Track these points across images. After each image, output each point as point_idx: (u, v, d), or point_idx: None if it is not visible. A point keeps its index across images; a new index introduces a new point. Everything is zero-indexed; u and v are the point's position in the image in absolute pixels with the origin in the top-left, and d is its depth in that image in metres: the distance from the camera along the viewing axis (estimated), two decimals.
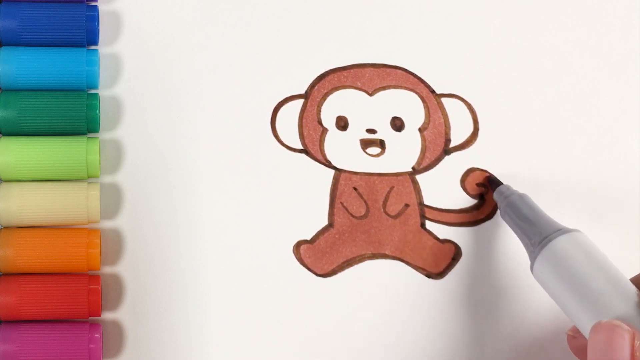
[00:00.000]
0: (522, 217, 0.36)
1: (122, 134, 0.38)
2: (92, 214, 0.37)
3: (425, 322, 0.38)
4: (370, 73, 0.40)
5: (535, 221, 0.35)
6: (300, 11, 0.41)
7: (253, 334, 0.37)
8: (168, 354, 0.37)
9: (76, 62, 0.37)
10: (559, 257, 0.33)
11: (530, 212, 0.36)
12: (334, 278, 0.38)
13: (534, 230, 0.35)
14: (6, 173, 0.36)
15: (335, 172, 0.39)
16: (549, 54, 0.41)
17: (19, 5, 0.37)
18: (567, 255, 0.33)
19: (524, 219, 0.36)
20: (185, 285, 0.37)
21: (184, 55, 0.39)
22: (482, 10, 0.41)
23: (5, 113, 0.36)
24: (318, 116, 0.40)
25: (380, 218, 0.39)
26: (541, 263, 0.34)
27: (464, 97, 0.40)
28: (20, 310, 0.35)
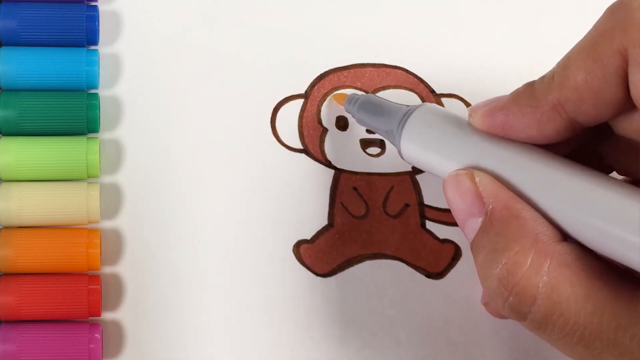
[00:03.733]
0: (376, 109, 0.36)
1: (122, 134, 0.39)
2: (92, 214, 0.37)
3: (425, 322, 0.38)
4: (370, 73, 0.40)
5: (388, 109, 0.35)
6: (300, 11, 0.41)
7: (253, 333, 0.37)
8: (168, 354, 0.37)
9: (76, 62, 0.37)
10: (419, 130, 0.33)
11: (381, 104, 0.36)
12: (334, 278, 0.38)
13: (391, 117, 0.35)
14: (6, 173, 0.36)
15: (335, 172, 0.39)
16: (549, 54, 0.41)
17: (19, 5, 0.37)
18: (425, 125, 0.33)
19: (378, 110, 0.36)
20: (185, 285, 0.37)
21: (184, 55, 0.40)
22: (482, 11, 0.41)
23: (5, 113, 0.37)
24: (318, 116, 0.40)
25: (380, 218, 0.39)
26: (406, 142, 0.34)
27: (464, 97, 0.40)
28: (20, 310, 0.35)
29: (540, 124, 0.30)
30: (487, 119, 0.31)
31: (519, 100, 0.30)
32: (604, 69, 0.28)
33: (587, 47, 0.29)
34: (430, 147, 0.33)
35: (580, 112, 0.29)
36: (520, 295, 0.28)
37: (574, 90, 0.29)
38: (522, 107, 0.30)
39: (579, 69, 0.28)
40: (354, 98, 0.37)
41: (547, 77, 0.30)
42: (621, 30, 0.28)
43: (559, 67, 0.29)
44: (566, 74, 0.29)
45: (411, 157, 0.34)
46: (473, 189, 0.30)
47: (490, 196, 0.30)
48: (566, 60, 0.29)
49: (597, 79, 0.28)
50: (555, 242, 0.29)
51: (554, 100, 0.29)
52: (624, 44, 0.27)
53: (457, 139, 0.32)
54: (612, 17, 0.28)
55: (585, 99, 0.29)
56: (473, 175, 0.31)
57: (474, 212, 0.30)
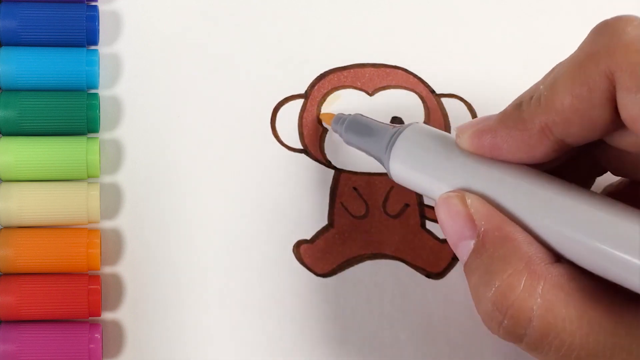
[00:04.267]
0: (363, 130, 0.36)
1: (122, 134, 0.39)
2: (92, 214, 0.37)
3: (425, 322, 0.38)
4: (370, 73, 0.40)
5: (376, 130, 0.35)
6: (300, 11, 0.41)
7: (253, 333, 0.37)
8: (168, 354, 0.37)
9: (76, 62, 0.37)
10: (407, 151, 0.33)
11: (369, 124, 0.36)
12: (334, 278, 0.38)
13: (379, 139, 0.35)
14: (6, 173, 0.36)
15: (335, 172, 0.39)
16: (549, 54, 0.41)
17: (19, 5, 0.37)
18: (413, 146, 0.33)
19: (366, 132, 0.35)
20: (185, 285, 0.37)
21: (183, 55, 0.40)
22: (482, 10, 0.41)
23: (5, 113, 0.37)
24: (318, 116, 0.40)
25: (380, 218, 0.39)
26: (395, 164, 0.33)
27: (464, 97, 0.40)
28: (20, 310, 0.35)
29: (528, 147, 0.30)
30: (475, 141, 0.31)
31: (507, 122, 0.30)
32: (591, 93, 0.28)
33: (573, 70, 0.28)
34: (419, 169, 0.33)
35: (568, 134, 0.29)
36: (515, 318, 0.28)
37: (561, 114, 0.28)
38: (510, 130, 0.30)
39: (566, 92, 0.28)
40: (341, 118, 0.37)
41: (534, 98, 0.30)
42: (607, 53, 0.27)
43: (545, 89, 0.29)
44: (553, 97, 0.29)
45: (400, 179, 0.34)
46: (464, 211, 0.30)
47: (482, 218, 0.30)
48: (553, 82, 0.29)
49: (584, 103, 0.28)
50: (548, 263, 0.29)
51: (542, 123, 0.29)
52: (611, 68, 0.27)
53: (446, 160, 0.32)
54: (597, 39, 0.28)
55: (573, 122, 0.28)
56: (464, 197, 0.30)
57: (466, 234, 0.30)
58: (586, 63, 0.28)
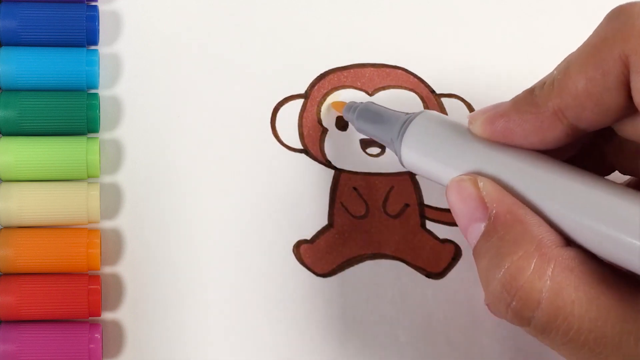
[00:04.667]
0: (375, 117, 0.36)
1: (122, 134, 0.39)
2: (92, 214, 0.37)
3: (425, 322, 0.38)
4: (370, 73, 0.40)
5: (388, 117, 0.35)
6: (300, 11, 0.41)
7: (253, 333, 0.37)
8: (168, 354, 0.37)
9: (76, 62, 0.37)
10: (419, 137, 0.33)
11: (381, 111, 0.36)
12: (334, 278, 0.38)
13: (391, 125, 0.35)
14: (6, 173, 0.36)
15: (335, 172, 0.39)
16: (549, 54, 0.41)
17: (19, 5, 0.37)
18: (425, 132, 0.33)
19: (377, 119, 0.36)
20: (185, 285, 0.37)
21: (184, 55, 0.40)
22: (482, 11, 0.41)
23: (5, 113, 0.37)
24: (318, 116, 0.40)
25: (380, 218, 0.39)
26: (406, 150, 0.34)
27: (464, 97, 0.40)
28: (20, 310, 0.35)
29: (541, 131, 0.30)
30: (488, 126, 0.31)
31: (520, 107, 0.30)
32: (604, 77, 0.28)
33: (587, 54, 0.28)
34: (431, 155, 0.33)
35: (581, 118, 0.29)
36: (524, 299, 0.28)
37: (574, 97, 0.29)
38: (523, 114, 0.30)
39: (580, 75, 0.28)
40: (352, 106, 0.37)
41: (547, 83, 0.30)
42: (622, 38, 0.28)
43: (559, 73, 0.29)
44: (566, 80, 0.29)
45: (412, 165, 0.34)
46: (476, 193, 0.30)
47: (493, 201, 0.30)
48: (566, 66, 0.29)
49: (598, 86, 0.28)
50: (559, 246, 0.29)
51: (555, 106, 0.29)
52: (625, 52, 0.27)
53: (458, 145, 0.32)
54: (612, 23, 0.28)
55: (586, 106, 0.29)
56: (476, 180, 0.30)
57: (477, 217, 0.30)
58: (600, 47, 0.28)
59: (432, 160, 0.33)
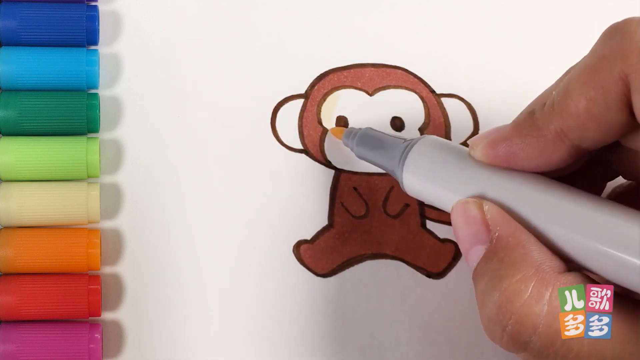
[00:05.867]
0: (375, 144, 0.36)
1: (122, 134, 0.39)
2: (92, 214, 0.37)
3: (425, 322, 0.38)
4: (370, 73, 0.40)
5: (387, 143, 0.35)
6: (300, 11, 0.41)
7: (253, 333, 0.37)
8: (168, 354, 0.37)
9: (76, 62, 0.37)
10: (420, 164, 0.33)
11: (380, 137, 0.36)
12: (334, 278, 0.38)
13: (391, 152, 0.34)
14: (6, 173, 0.36)
15: (335, 172, 0.39)
16: (549, 54, 0.41)
17: (19, 5, 0.37)
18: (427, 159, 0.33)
19: (377, 145, 0.35)
20: (185, 285, 0.37)
21: (184, 55, 0.40)
22: (482, 10, 0.41)
23: (5, 113, 0.37)
24: (318, 116, 0.40)
25: (381, 218, 0.39)
26: (408, 177, 0.33)
27: (464, 97, 0.40)
28: (20, 310, 0.35)
29: (544, 154, 0.30)
30: (490, 152, 0.31)
31: (521, 130, 0.30)
32: (605, 96, 0.27)
33: (586, 74, 0.28)
34: (433, 181, 0.33)
35: (584, 138, 0.29)
36: (520, 323, 0.28)
37: (576, 118, 0.28)
38: (525, 138, 0.30)
39: (580, 96, 0.28)
40: (352, 132, 0.37)
41: (547, 105, 0.29)
42: (620, 57, 0.27)
43: (558, 95, 0.29)
44: (567, 101, 0.28)
45: (414, 191, 0.34)
46: (480, 216, 0.30)
47: (497, 224, 0.30)
48: (565, 86, 0.29)
49: (599, 106, 0.28)
50: (558, 272, 0.29)
51: (557, 129, 0.29)
52: (625, 70, 0.27)
53: (459, 171, 0.32)
54: (609, 41, 0.28)
55: (588, 126, 0.28)
56: (482, 204, 0.30)
57: (479, 239, 0.30)
58: (599, 66, 0.28)
59: (434, 186, 0.33)
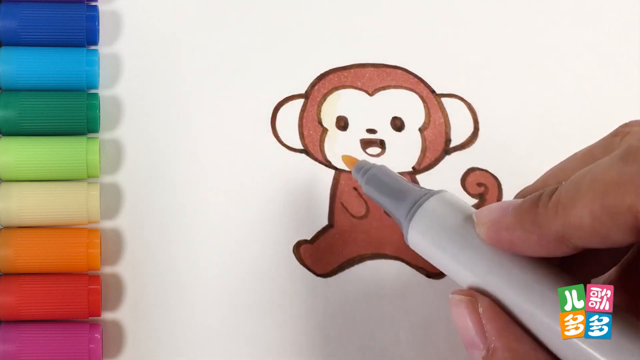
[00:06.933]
0: (385, 188, 0.34)
1: (122, 134, 0.39)
2: (92, 214, 0.37)
3: (425, 322, 0.38)
4: (370, 73, 0.40)
5: (398, 191, 0.33)
6: (300, 11, 0.41)
7: (253, 333, 0.37)
8: (168, 354, 0.37)
9: (76, 62, 0.37)
10: (430, 223, 0.32)
11: (391, 184, 0.34)
12: (334, 278, 0.38)
13: (400, 199, 0.33)
14: (6, 173, 0.36)
15: (335, 172, 0.39)
16: (549, 54, 0.41)
17: (19, 5, 0.37)
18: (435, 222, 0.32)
19: (388, 190, 0.34)
20: (185, 285, 0.37)
21: (184, 55, 0.40)
22: (482, 10, 0.41)
23: (5, 113, 0.37)
24: (318, 116, 0.40)
25: (381, 218, 0.39)
26: (413, 234, 0.32)
27: (464, 97, 0.40)
28: (20, 310, 0.35)
29: (545, 250, 0.29)
30: (493, 235, 0.30)
31: (523, 224, 0.29)
32: (612, 221, 0.26)
33: (596, 191, 0.27)
34: (438, 247, 0.32)
35: (586, 245, 0.28)
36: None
37: (578, 229, 0.27)
38: (526, 232, 0.29)
39: (586, 210, 0.27)
40: (363, 168, 0.35)
41: (552, 204, 0.28)
42: (634, 189, 0.26)
43: (564, 197, 0.28)
44: (572, 211, 0.27)
45: (417, 249, 0.33)
46: (476, 320, 0.29)
47: (492, 332, 0.29)
48: (574, 193, 0.27)
49: (604, 227, 0.27)
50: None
51: (558, 232, 0.28)
52: (635, 205, 0.26)
53: (466, 247, 0.31)
54: (625, 167, 0.27)
55: (591, 239, 0.27)
56: (476, 304, 0.30)
57: (476, 344, 0.30)
58: (610, 191, 0.26)
59: (438, 252, 0.32)
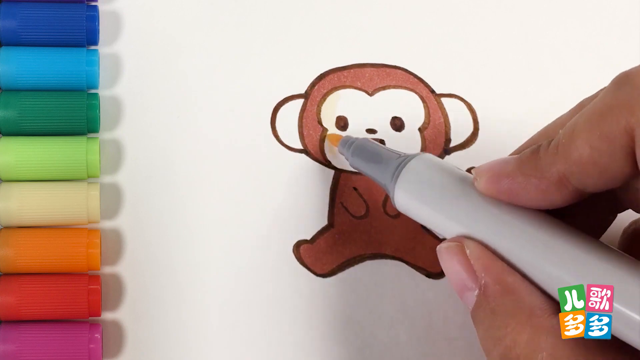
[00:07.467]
0: (370, 156, 0.35)
1: (122, 134, 0.39)
2: (92, 214, 0.37)
3: (425, 322, 0.38)
4: (370, 73, 0.40)
5: (382, 157, 0.34)
6: (300, 11, 0.41)
7: (253, 333, 0.37)
8: (168, 354, 0.37)
9: (76, 62, 0.37)
10: (415, 180, 0.33)
11: (375, 150, 0.35)
12: (334, 278, 0.38)
13: (385, 165, 0.34)
14: (6, 173, 0.36)
15: (335, 172, 0.39)
16: (549, 54, 0.41)
17: (19, 5, 0.37)
18: (420, 179, 0.32)
19: (372, 158, 0.35)
20: (185, 285, 0.37)
21: (184, 55, 0.40)
22: (482, 10, 0.41)
23: (5, 113, 0.37)
24: (318, 116, 0.40)
25: (381, 218, 0.39)
26: (399, 194, 0.33)
27: (464, 97, 0.40)
28: (20, 310, 0.35)
29: (546, 194, 0.29)
30: (493, 185, 0.30)
31: (524, 169, 0.30)
32: (610, 147, 0.27)
33: (592, 121, 0.28)
34: (424, 202, 0.32)
35: (586, 184, 0.28)
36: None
37: (579, 164, 0.28)
38: (527, 177, 0.30)
39: (584, 143, 0.28)
40: (348, 141, 0.37)
41: (552, 147, 0.29)
42: (628, 109, 0.27)
43: (564, 137, 0.29)
44: (571, 147, 0.28)
45: (405, 210, 0.33)
46: (464, 261, 0.30)
47: (482, 269, 0.30)
48: (571, 131, 0.28)
49: (603, 156, 0.27)
50: (552, 314, 0.28)
51: (559, 172, 0.29)
52: (631, 124, 0.27)
53: (450, 198, 0.31)
54: (618, 92, 0.28)
55: (590, 173, 0.28)
56: (464, 247, 0.30)
57: (468, 285, 0.30)
58: (606, 116, 0.27)
59: (425, 208, 0.32)
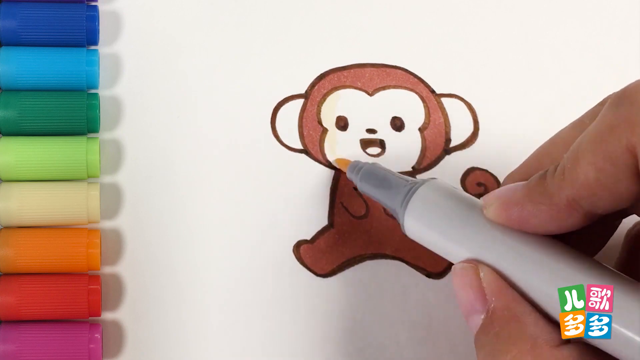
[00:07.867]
0: (379, 182, 0.35)
1: (122, 134, 0.39)
2: (92, 214, 0.37)
3: (425, 322, 0.38)
4: (370, 73, 0.40)
5: (392, 183, 0.35)
6: (300, 11, 0.41)
7: (253, 334, 0.37)
8: (168, 354, 0.37)
9: (76, 62, 0.37)
10: (425, 207, 0.33)
11: (384, 176, 0.35)
12: (334, 278, 0.38)
13: (395, 191, 0.34)
14: (6, 173, 0.36)
15: (335, 172, 0.39)
16: (549, 54, 0.41)
17: (19, 5, 0.37)
18: (430, 205, 0.32)
19: (382, 184, 0.35)
20: (185, 285, 0.37)
21: (184, 55, 0.40)
22: (482, 10, 0.41)
23: (5, 113, 0.37)
24: (318, 116, 0.40)
25: (381, 218, 0.39)
26: (409, 221, 0.33)
27: (464, 97, 0.40)
28: (20, 310, 0.35)
29: (557, 220, 0.29)
30: (503, 213, 0.30)
31: (533, 197, 0.30)
32: (614, 167, 0.27)
33: (595, 142, 0.28)
34: (435, 229, 0.32)
35: (596, 206, 0.28)
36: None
37: (586, 188, 0.28)
38: (537, 205, 0.30)
39: (589, 166, 0.28)
40: (356, 166, 0.37)
41: (558, 172, 0.29)
42: (628, 128, 0.27)
43: (568, 162, 0.29)
44: (576, 171, 0.28)
45: (415, 236, 0.33)
46: (477, 284, 0.30)
47: (492, 294, 0.30)
48: (575, 154, 0.28)
49: (609, 177, 0.27)
50: (554, 346, 0.28)
51: (568, 197, 0.29)
52: (632, 142, 0.27)
53: (461, 225, 0.31)
54: (617, 111, 0.28)
55: (599, 195, 0.28)
56: (478, 270, 0.30)
57: (476, 308, 0.30)
58: (607, 137, 0.27)
59: (435, 235, 0.32)
